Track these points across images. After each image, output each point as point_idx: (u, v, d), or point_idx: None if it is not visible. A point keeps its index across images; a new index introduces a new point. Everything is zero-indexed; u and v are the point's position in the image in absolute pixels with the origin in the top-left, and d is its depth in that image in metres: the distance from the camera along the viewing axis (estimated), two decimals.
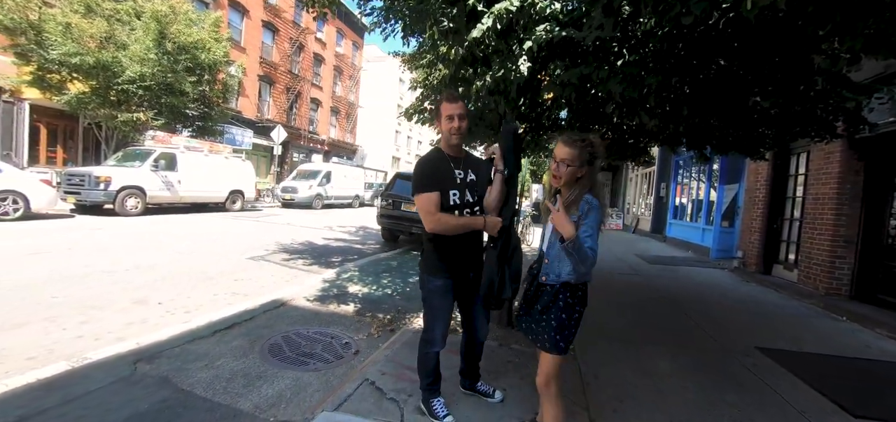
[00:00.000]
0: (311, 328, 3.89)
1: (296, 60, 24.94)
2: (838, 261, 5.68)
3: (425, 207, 2.07)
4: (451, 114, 2.13)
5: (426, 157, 2.24)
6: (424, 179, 2.10)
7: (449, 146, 2.20)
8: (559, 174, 1.90)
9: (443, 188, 2.10)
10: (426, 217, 2.07)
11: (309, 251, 7.74)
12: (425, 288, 2.25)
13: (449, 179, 2.13)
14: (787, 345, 4.10)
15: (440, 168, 2.14)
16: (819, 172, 6.06)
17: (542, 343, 1.98)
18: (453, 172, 2.16)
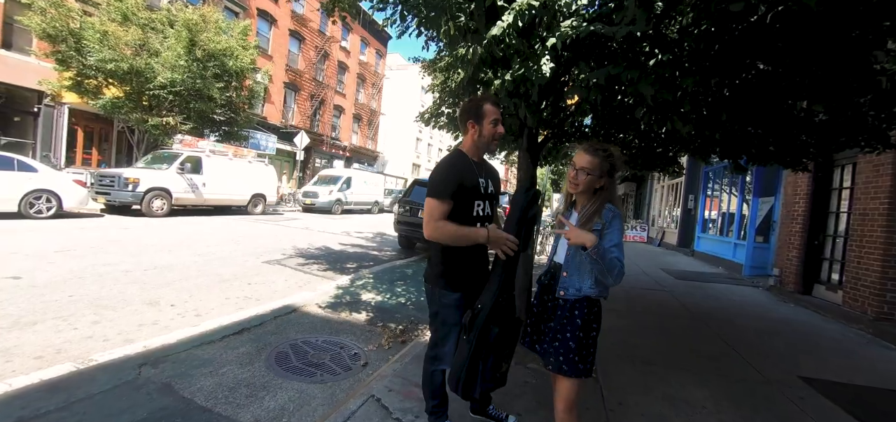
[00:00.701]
0: (321, 337, 3.78)
1: (320, 68, 25.42)
2: (890, 283, 5.20)
3: (430, 212, 1.87)
4: (496, 118, 1.94)
5: (450, 160, 1.99)
6: (443, 185, 1.87)
7: (478, 151, 1.99)
8: (578, 182, 1.86)
9: (467, 199, 1.89)
10: (427, 222, 1.87)
11: (325, 256, 7.70)
12: (435, 301, 2.01)
13: (475, 189, 1.92)
14: (835, 376, 3.71)
15: (466, 176, 1.90)
16: (867, 185, 5.60)
17: (560, 366, 1.80)
18: (478, 181, 1.94)
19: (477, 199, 1.91)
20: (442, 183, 1.87)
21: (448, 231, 1.84)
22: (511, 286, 1.97)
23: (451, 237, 1.85)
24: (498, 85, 2.61)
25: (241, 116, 16.08)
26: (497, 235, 1.84)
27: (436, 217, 1.85)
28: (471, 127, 1.96)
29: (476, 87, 3.25)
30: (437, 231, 1.85)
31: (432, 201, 1.87)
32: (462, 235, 1.84)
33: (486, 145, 1.95)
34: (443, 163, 1.97)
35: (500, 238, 1.83)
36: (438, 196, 1.86)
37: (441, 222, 1.85)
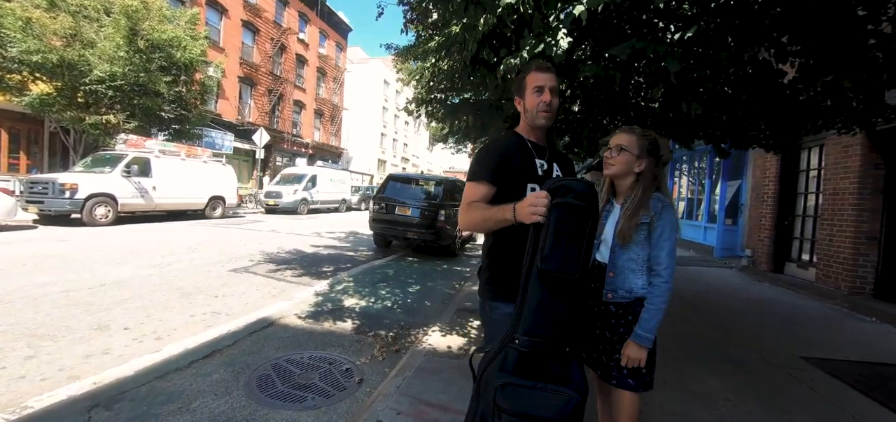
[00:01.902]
0: (306, 353, 3.37)
1: (277, 62, 24.14)
2: (861, 259, 5.43)
3: (465, 197, 1.58)
4: (540, 85, 1.55)
5: (496, 138, 1.72)
6: (480, 163, 1.56)
7: (533, 128, 1.63)
8: (613, 161, 1.69)
9: (516, 183, 1.52)
10: (461, 209, 1.59)
11: (297, 260, 7.16)
12: (488, 316, 1.61)
13: (527, 171, 1.55)
14: (829, 353, 3.76)
15: (511, 154, 1.56)
16: (837, 166, 5.82)
17: (624, 381, 1.58)
18: (534, 162, 1.57)
19: (530, 181, 1.54)
20: (478, 162, 1.57)
21: (474, 216, 1.52)
22: None
23: (478, 223, 1.51)
24: (512, 63, 2.31)
25: (193, 113, 14.87)
26: (523, 201, 1.32)
27: (468, 200, 1.54)
28: (517, 104, 1.66)
29: (477, 69, 2.95)
30: (465, 218, 1.56)
31: (468, 186, 1.57)
32: (489, 218, 1.46)
33: (533, 119, 1.59)
34: (487, 142, 1.74)
35: (526, 202, 1.31)
36: (473, 177, 1.56)
37: (471, 206, 1.52)
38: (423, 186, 9.30)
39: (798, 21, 2.32)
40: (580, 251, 1.20)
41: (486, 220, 1.47)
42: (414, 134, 48.10)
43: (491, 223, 1.46)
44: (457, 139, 5.41)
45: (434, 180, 9.54)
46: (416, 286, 5.97)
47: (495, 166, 1.52)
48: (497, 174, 1.51)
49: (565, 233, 1.19)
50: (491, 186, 1.52)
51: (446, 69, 3.13)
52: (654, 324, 1.53)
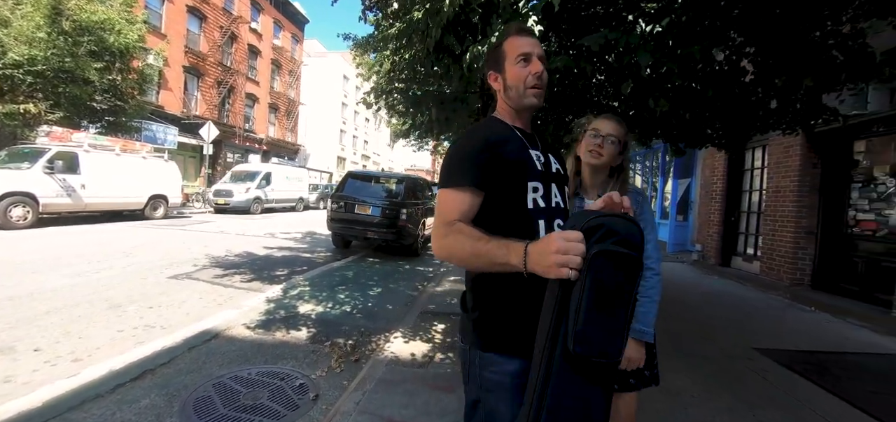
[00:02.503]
0: (254, 368, 3.05)
1: (227, 52, 22.72)
2: (801, 252, 5.79)
3: (439, 212, 1.08)
4: (526, 52, 1.12)
5: (474, 125, 1.27)
6: (460, 159, 1.09)
7: (519, 111, 1.18)
8: (602, 152, 1.53)
9: (511, 182, 1.08)
10: (436, 230, 1.08)
11: (248, 264, 6.66)
12: (473, 375, 1.10)
13: (524, 164, 1.10)
14: (779, 343, 3.93)
15: (500, 142, 1.10)
16: (779, 165, 6.18)
17: (625, 382, 1.57)
18: (529, 153, 1.13)
19: (531, 179, 1.09)
20: (455, 159, 1.10)
21: (459, 247, 1.01)
22: None
23: (466, 259, 1.02)
24: (478, 51, 2.15)
25: (131, 104, 13.62)
26: (544, 245, 0.85)
27: (447, 218, 1.04)
28: (493, 82, 1.20)
29: (440, 58, 2.76)
30: (445, 245, 1.04)
31: (442, 194, 1.08)
32: (482, 256, 0.97)
33: (519, 98, 1.14)
34: (461, 135, 1.21)
35: (548, 247, 0.83)
36: (449, 182, 1.07)
37: (454, 228, 1.02)
38: (384, 183, 9.02)
39: (756, 21, 2.33)
40: (626, 321, 0.82)
41: (477, 257, 0.98)
42: (375, 131, 47.23)
43: (484, 263, 0.98)
44: (419, 134, 5.20)
45: (395, 178, 9.28)
46: (378, 289, 5.71)
47: (481, 162, 1.05)
48: (484, 173, 1.05)
49: (609, 297, 0.79)
50: (476, 191, 1.05)
51: (408, 59, 2.92)
52: (651, 318, 1.50)
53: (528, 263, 0.88)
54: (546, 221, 1.10)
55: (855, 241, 5.36)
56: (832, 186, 5.65)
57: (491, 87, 1.24)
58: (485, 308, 1.09)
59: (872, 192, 5.19)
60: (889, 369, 3.46)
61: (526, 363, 0.95)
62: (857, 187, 5.42)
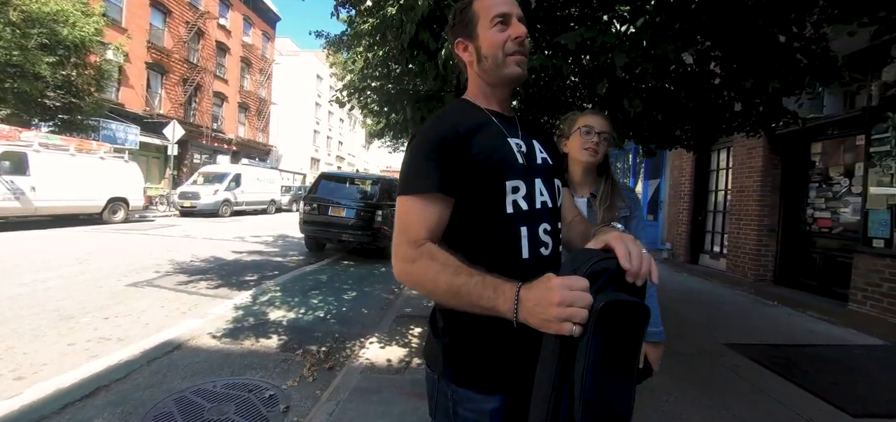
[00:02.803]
0: (220, 380, 2.88)
1: (194, 48, 21.83)
2: (764, 249, 6.04)
3: (403, 227, 0.87)
4: (502, 12, 0.92)
5: (437, 115, 1.00)
6: (420, 160, 0.88)
7: (494, 87, 0.98)
8: (599, 149, 1.50)
9: (486, 183, 0.89)
10: (398, 249, 0.86)
11: (215, 269, 6.37)
12: (449, 412, 0.91)
13: (498, 156, 0.90)
14: (748, 338, 4.05)
15: (465, 133, 0.89)
16: (742, 166, 6.43)
17: None
18: (506, 142, 0.93)
19: (510, 177, 0.90)
20: (415, 159, 0.89)
21: (433, 277, 0.81)
22: None
23: (440, 293, 0.83)
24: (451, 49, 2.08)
25: (87, 102, 12.85)
26: (542, 293, 0.70)
27: (412, 236, 0.84)
28: (463, 52, 0.98)
29: (414, 55, 2.69)
30: (414, 272, 0.84)
31: (403, 204, 0.88)
32: (460, 293, 0.79)
33: (498, 68, 0.93)
34: (423, 126, 0.98)
35: (548, 297, 0.68)
36: (414, 188, 0.87)
37: (424, 252, 0.83)
38: (359, 185, 8.86)
39: (723, 24, 2.38)
40: (635, 376, 0.72)
41: (456, 295, 0.79)
42: (349, 131, 46.55)
43: (463, 304, 0.79)
44: (394, 134, 5.10)
45: (370, 179, 9.12)
46: (352, 293, 5.57)
47: (449, 159, 0.86)
48: (454, 173, 0.86)
49: (618, 354, 0.68)
50: (445, 198, 0.86)
51: (381, 56, 2.83)
52: (658, 318, 1.51)
53: (521, 311, 0.72)
54: (530, 227, 0.90)
55: (813, 238, 5.63)
56: (792, 186, 5.92)
57: (459, 60, 1.01)
58: (458, 334, 0.88)
59: (828, 191, 5.46)
60: (847, 360, 3.62)
61: (508, 399, 0.85)
62: (815, 187, 5.69)
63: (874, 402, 2.82)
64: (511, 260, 0.88)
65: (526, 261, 0.88)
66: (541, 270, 0.79)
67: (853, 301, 4.55)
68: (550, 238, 0.93)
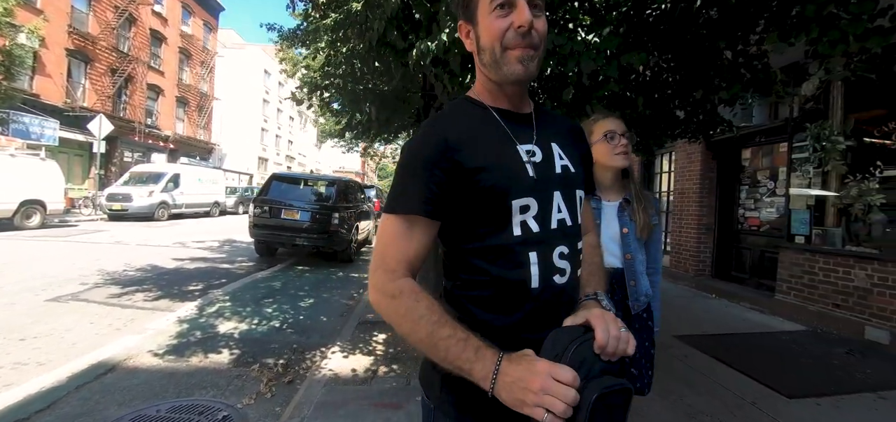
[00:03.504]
0: (165, 403, 2.61)
1: (124, 36, 19.95)
2: (702, 246, 6.53)
3: (382, 250, 0.78)
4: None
5: (435, 117, 0.88)
6: (409, 177, 0.78)
7: (501, 85, 0.82)
8: (628, 150, 1.51)
9: (486, 205, 0.77)
10: (377, 274, 0.77)
11: (153, 279, 5.83)
12: None
13: (502, 172, 0.77)
14: (694, 329, 4.35)
15: (461, 143, 0.77)
16: (683, 169, 6.91)
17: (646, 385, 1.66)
18: (514, 150, 0.80)
19: (517, 195, 0.77)
20: (408, 171, 0.78)
21: (413, 323, 0.73)
22: None
23: (419, 340, 0.73)
24: (424, 49, 2.03)
25: None
26: (523, 373, 0.65)
27: (390, 264, 0.76)
28: (465, 36, 0.84)
29: (381, 54, 2.60)
30: (392, 310, 0.75)
31: (385, 223, 0.79)
32: (440, 346, 0.71)
33: (496, 65, 0.78)
34: (416, 133, 0.87)
35: (528, 383, 0.63)
36: (397, 206, 0.77)
37: (405, 291, 0.74)
38: (314, 186, 8.52)
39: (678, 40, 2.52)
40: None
41: (433, 347, 0.71)
42: (300, 130, 44.81)
43: (438, 357, 0.71)
44: (356, 134, 4.91)
45: (326, 180, 8.80)
46: (310, 299, 5.32)
47: (436, 178, 0.75)
48: (436, 193, 0.75)
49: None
50: (430, 222, 0.76)
51: (345, 52, 2.71)
52: (659, 318, 1.64)
53: (497, 384, 0.65)
54: (541, 252, 0.77)
55: (744, 235, 6.18)
56: (726, 188, 6.46)
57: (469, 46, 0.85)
58: None
59: (756, 193, 6.02)
60: (775, 344, 4.00)
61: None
62: (745, 189, 6.25)
63: (802, 382, 3.12)
64: (516, 291, 0.77)
65: (534, 292, 0.77)
66: (553, 301, 0.75)
67: (779, 292, 5.04)
68: (568, 262, 0.80)
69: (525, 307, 0.77)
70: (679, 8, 2.21)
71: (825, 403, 2.82)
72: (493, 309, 0.77)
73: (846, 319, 4.25)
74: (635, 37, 2.40)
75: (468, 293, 0.79)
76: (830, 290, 4.44)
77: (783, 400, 2.83)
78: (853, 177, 4.38)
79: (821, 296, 4.53)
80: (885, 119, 4.24)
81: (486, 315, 0.78)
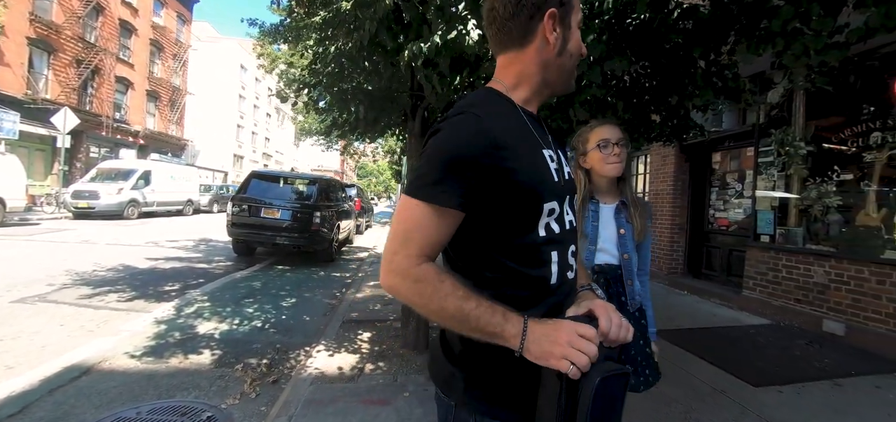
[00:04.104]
0: (145, 405, 2.56)
1: (91, 26, 19.09)
2: (675, 245, 6.80)
3: (403, 233, 0.77)
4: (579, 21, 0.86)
5: (468, 104, 0.80)
6: (445, 166, 0.74)
7: (544, 89, 0.87)
8: (622, 158, 1.52)
9: (519, 204, 0.78)
10: (393, 257, 0.76)
11: (126, 279, 5.64)
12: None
13: (537, 175, 0.80)
14: (667, 324, 4.53)
15: (501, 149, 0.75)
16: (658, 171, 7.18)
17: (649, 380, 1.63)
18: (543, 157, 0.82)
19: (549, 198, 0.80)
20: (446, 159, 0.74)
21: (440, 302, 0.74)
22: None
23: (445, 316, 0.76)
24: (416, 50, 2.08)
25: None
26: (552, 329, 0.72)
27: (411, 250, 0.75)
28: (550, 29, 0.80)
29: (372, 55, 2.63)
30: (415, 292, 0.76)
31: (410, 208, 0.76)
32: (465, 319, 0.74)
33: (565, 76, 0.86)
34: (450, 114, 0.79)
35: (557, 333, 0.70)
36: (429, 194, 0.74)
37: (430, 274, 0.75)
38: (294, 184, 8.40)
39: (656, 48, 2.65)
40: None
41: (462, 321, 0.74)
42: (278, 127, 43.89)
43: (467, 329, 0.75)
44: (341, 133, 4.87)
45: (306, 178, 8.70)
46: (291, 299, 5.27)
47: (479, 174, 0.74)
48: (474, 190, 0.74)
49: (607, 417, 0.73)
50: (459, 214, 0.76)
51: (333, 52, 2.71)
52: (652, 318, 1.66)
53: (527, 340, 0.70)
54: (560, 251, 0.84)
55: (714, 235, 6.47)
56: (697, 190, 6.74)
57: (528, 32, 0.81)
58: (482, 356, 0.79)
59: (725, 194, 6.31)
60: (743, 337, 4.23)
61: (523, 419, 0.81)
62: (715, 190, 6.54)
63: (767, 372, 3.32)
64: (539, 287, 0.82)
65: (553, 287, 0.83)
66: (565, 295, 0.83)
67: (746, 288, 5.31)
68: (575, 260, 0.90)
69: (547, 301, 0.82)
70: (657, 19, 2.33)
71: (787, 390, 3.01)
72: (518, 305, 0.77)
73: (806, 312, 4.53)
74: (616, 44, 2.50)
75: (495, 291, 0.78)
76: (792, 286, 4.71)
77: (749, 388, 3.00)
78: (813, 180, 4.67)
79: (784, 292, 4.81)
80: (842, 126, 4.54)
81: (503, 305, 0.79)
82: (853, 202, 4.39)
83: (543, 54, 0.82)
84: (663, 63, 2.68)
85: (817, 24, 1.87)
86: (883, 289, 3.91)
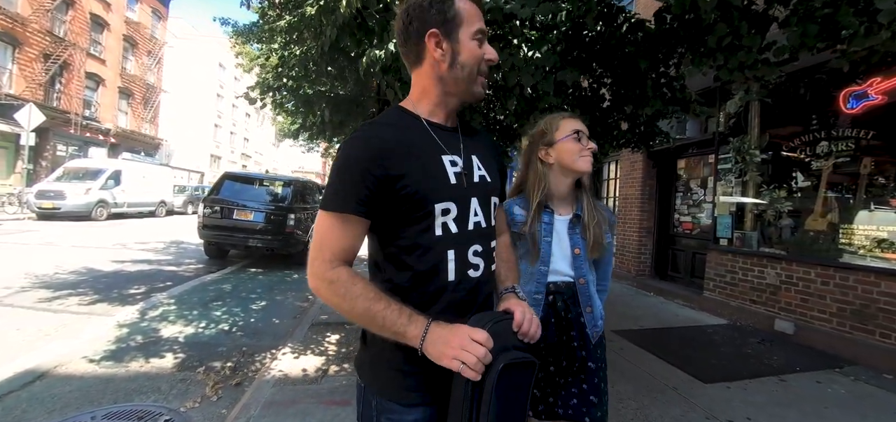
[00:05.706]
0: (101, 409, 2.52)
1: (60, 19, 18.43)
2: (643, 248, 7.02)
3: (320, 243, 0.87)
4: (482, 30, 0.92)
5: (367, 123, 0.96)
6: (344, 179, 0.86)
7: (450, 98, 0.95)
8: (592, 152, 1.33)
9: (410, 208, 0.87)
10: (315, 263, 0.87)
11: (89, 282, 5.49)
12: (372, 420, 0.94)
13: (429, 179, 0.89)
14: (631, 324, 4.70)
15: (392, 153, 0.86)
16: (627, 176, 7.40)
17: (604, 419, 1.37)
18: (440, 161, 0.91)
19: (440, 199, 0.88)
20: (345, 174, 0.86)
21: (350, 303, 0.84)
22: None
23: (356, 315, 0.85)
24: (374, 57, 2.13)
25: None
26: (447, 333, 0.80)
27: (326, 255, 0.85)
28: (433, 46, 0.90)
29: (334, 59, 2.67)
30: (332, 293, 0.85)
31: (322, 219, 0.88)
32: (373, 319, 0.83)
33: (468, 84, 0.93)
34: (350, 136, 0.93)
35: (450, 338, 0.79)
36: (333, 204, 0.86)
37: (342, 277, 0.85)
38: (269, 186, 8.30)
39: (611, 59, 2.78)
40: (527, 410, 0.88)
41: (370, 320, 0.83)
42: (257, 128, 43.12)
43: (375, 328, 0.84)
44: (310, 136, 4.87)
45: (281, 180, 8.61)
46: (261, 302, 5.22)
47: (369, 182, 0.84)
48: (372, 197, 0.84)
49: (513, 404, 0.83)
50: (362, 219, 0.86)
51: (298, 55, 2.74)
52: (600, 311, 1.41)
53: (426, 342, 0.80)
54: (458, 250, 0.90)
55: (678, 238, 6.71)
56: (664, 195, 6.99)
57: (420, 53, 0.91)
58: (384, 346, 0.88)
59: (689, 199, 6.56)
60: (700, 337, 4.41)
61: (430, 411, 0.90)
62: (679, 195, 6.79)
63: (718, 369, 3.49)
64: (436, 282, 0.89)
65: (452, 283, 0.90)
66: (469, 292, 0.91)
67: (707, 289, 5.53)
68: (482, 259, 0.94)
69: (444, 298, 0.90)
70: (607, 31, 2.45)
71: (735, 386, 3.17)
72: (416, 301, 0.86)
73: (760, 312, 4.76)
74: (574, 56, 2.61)
75: (394, 287, 0.88)
76: (748, 287, 4.94)
77: (700, 385, 3.15)
78: (767, 186, 4.92)
79: (740, 292, 5.04)
80: (794, 136, 4.80)
81: (425, 293, 0.89)
82: (803, 207, 4.64)
83: (437, 70, 0.92)
84: (619, 73, 2.81)
85: (748, 41, 2.00)
86: (827, 289, 4.15)
